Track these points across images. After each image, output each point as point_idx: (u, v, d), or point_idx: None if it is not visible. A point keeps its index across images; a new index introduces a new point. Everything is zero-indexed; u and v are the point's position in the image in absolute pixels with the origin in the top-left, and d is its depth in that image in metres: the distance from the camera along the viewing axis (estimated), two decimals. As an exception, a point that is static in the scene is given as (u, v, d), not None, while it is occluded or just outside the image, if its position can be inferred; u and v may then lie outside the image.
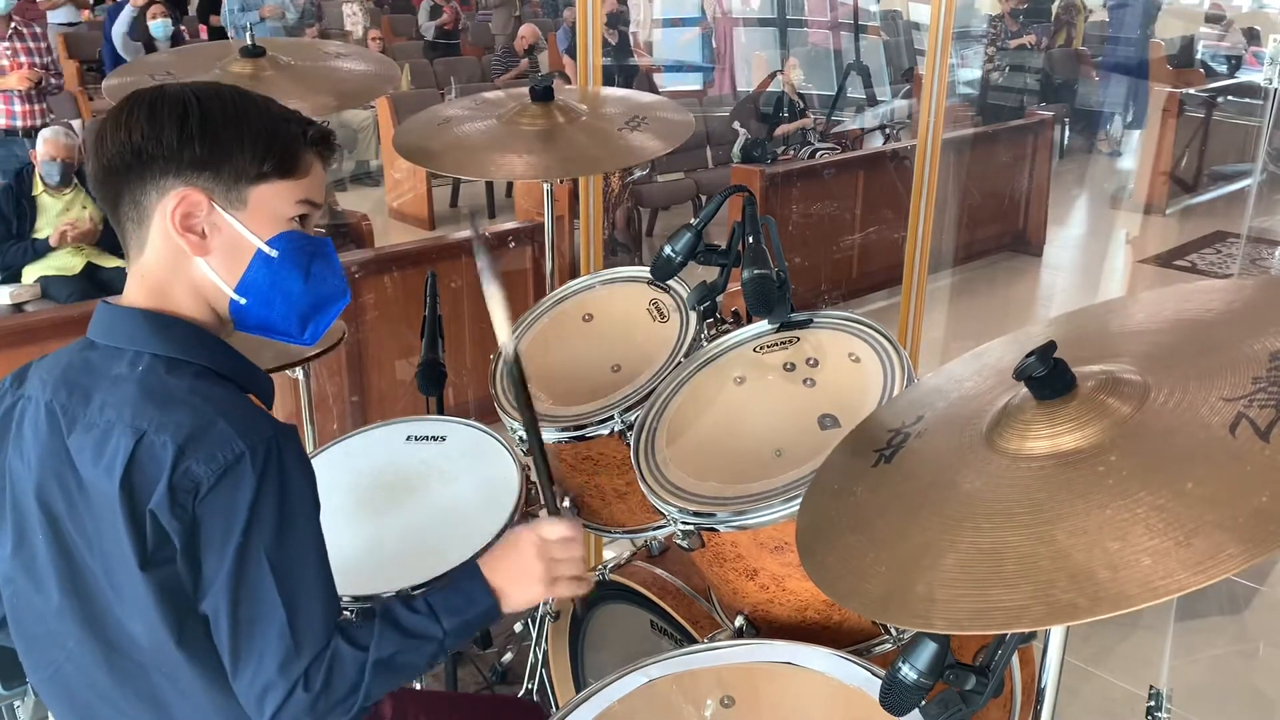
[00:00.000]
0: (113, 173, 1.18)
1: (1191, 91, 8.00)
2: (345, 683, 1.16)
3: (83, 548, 1.17)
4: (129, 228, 1.21)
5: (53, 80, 5.48)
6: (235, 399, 1.18)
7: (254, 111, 1.20)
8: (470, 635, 1.31)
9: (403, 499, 2.02)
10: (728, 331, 1.84)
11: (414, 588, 1.82)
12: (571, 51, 8.08)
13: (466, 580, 1.30)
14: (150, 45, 6.93)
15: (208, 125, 1.16)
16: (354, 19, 8.36)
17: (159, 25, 6.90)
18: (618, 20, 8.00)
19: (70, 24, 8.98)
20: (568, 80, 6.19)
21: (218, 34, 8.55)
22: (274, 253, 1.21)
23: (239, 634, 1.13)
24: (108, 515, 1.13)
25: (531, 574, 1.31)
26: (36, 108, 5.35)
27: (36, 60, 5.36)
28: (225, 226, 1.19)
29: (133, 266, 1.23)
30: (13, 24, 5.30)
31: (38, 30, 5.52)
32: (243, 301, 1.22)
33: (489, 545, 1.90)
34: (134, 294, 1.22)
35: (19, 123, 5.30)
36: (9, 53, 5.27)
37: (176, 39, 7.22)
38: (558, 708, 1.79)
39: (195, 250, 1.19)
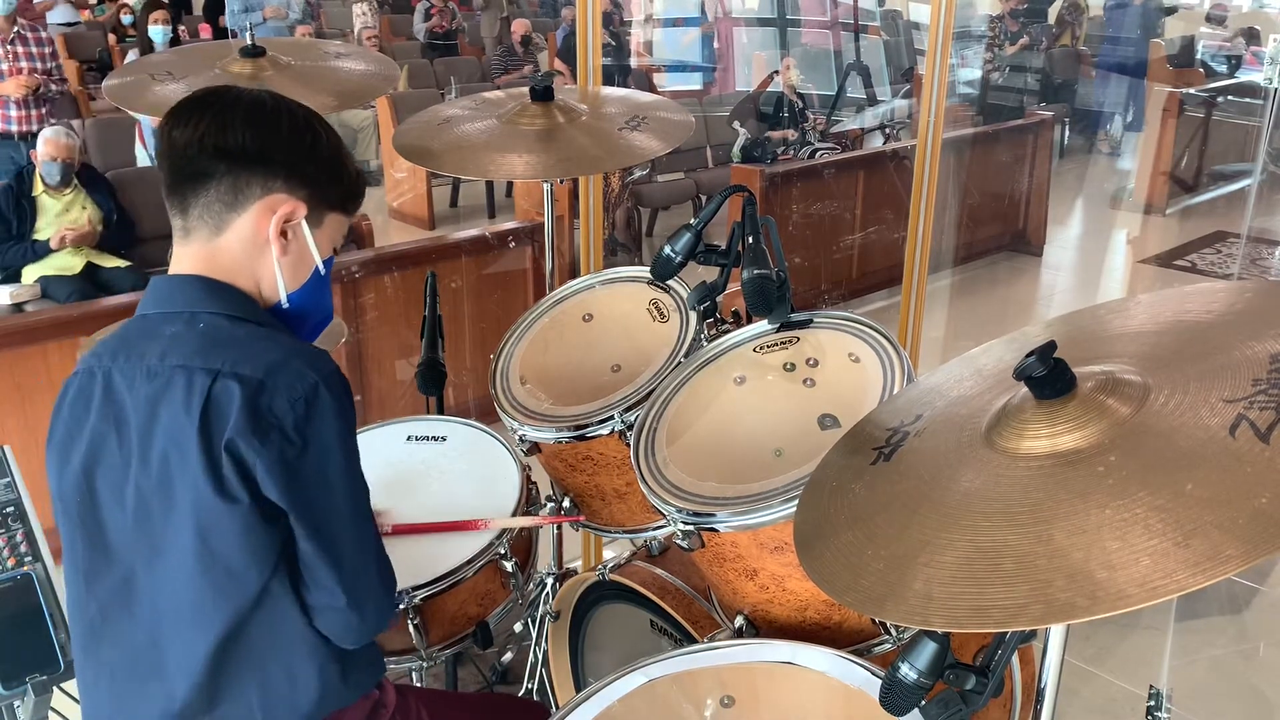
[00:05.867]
0: (227, 155, 1.25)
1: (1191, 91, 7.99)
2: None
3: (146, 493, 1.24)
4: (214, 206, 1.26)
5: (53, 86, 5.40)
6: (297, 340, 1.29)
7: (342, 147, 1.35)
8: None
9: (403, 499, 2.03)
10: (728, 331, 1.84)
11: (414, 587, 1.83)
12: (566, 54, 8.08)
13: None
14: (149, 49, 6.94)
15: (322, 148, 1.31)
16: (363, 18, 8.34)
17: (158, 31, 6.93)
18: (607, 21, 8.00)
19: (69, 24, 8.97)
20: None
21: (223, 35, 8.55)
22: (323, 271, 1.37)
23: (328, 551, 1.24)
24: (176, 454, 1.19)
25: None
26: (34, 113, 5.28)
27: (38, 65, 5.29)
28: (303, 239, 1.31)
29: (196, 243, 1.28)
30: (15, 26, 5.25)
31: (42, 34, 5.43)
32: (286, 305, 1.33)
33: (488, 545, 1.91)
34: (192, 268, 1.28)
35: (15, 128, 5.26)
36: (10, 56, 5.22)
37: (175, 43, 7.22)
38: (558, 708, 1.80)
39: (281, 251, 1.29)
